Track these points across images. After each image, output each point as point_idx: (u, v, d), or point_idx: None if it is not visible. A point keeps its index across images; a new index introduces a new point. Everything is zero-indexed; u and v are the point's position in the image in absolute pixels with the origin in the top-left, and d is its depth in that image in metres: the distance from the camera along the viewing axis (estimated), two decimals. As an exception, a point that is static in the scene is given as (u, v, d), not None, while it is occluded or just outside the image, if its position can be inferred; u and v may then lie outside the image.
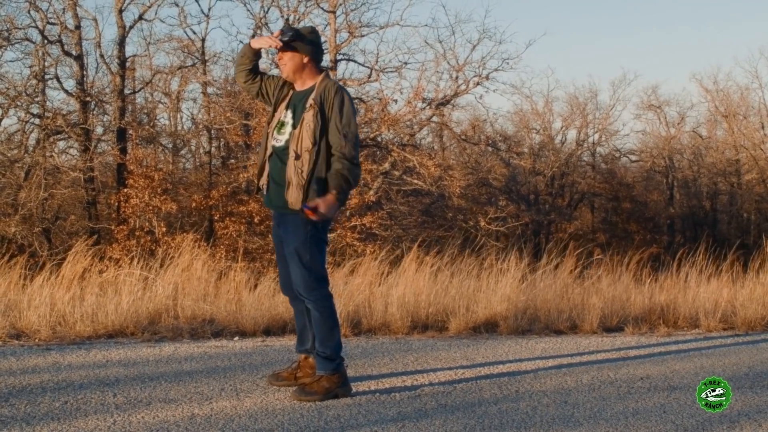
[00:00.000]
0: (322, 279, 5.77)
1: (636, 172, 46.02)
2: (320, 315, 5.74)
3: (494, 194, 37.93)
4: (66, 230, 28.57)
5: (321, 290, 5.75)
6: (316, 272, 5.71)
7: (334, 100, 5.62)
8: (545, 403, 5.82)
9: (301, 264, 5.68)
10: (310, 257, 5.67)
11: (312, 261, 5.68)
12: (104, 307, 8.02)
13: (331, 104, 5.62)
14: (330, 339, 5.76)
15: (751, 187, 43.39)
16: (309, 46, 5.75)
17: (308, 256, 5.67)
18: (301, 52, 5.74)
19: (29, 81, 28.29)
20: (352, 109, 5.64)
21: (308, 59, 5.76)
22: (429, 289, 9.03)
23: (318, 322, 5.75)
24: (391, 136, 29.73)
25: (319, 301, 5.73)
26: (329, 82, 5.74)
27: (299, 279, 5.73)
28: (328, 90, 5.67)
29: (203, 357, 6.91)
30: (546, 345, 7.89)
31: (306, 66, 5.78)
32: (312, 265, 5.69)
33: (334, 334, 5.78)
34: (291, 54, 5.77)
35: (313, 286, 5.71)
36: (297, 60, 5.76)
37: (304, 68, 5.79)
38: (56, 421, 5.09)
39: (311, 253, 5.67)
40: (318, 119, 5.60)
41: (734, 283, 10.60)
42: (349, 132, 5.58)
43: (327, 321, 5.75)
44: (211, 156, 32.36)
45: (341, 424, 5.20)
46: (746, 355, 7.65)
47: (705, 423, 5.42)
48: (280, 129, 5.82)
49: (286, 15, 30.17)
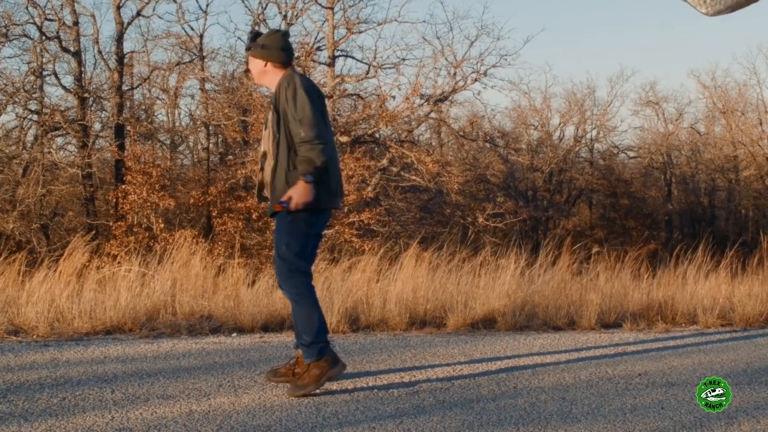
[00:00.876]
0: (297, 270, 5.75)
1: (634, 169, 46.02)
2: (296, 303, 5.75)
3: (492, 190, 37.90)
4: (64, 226, 28.58)
5: (294, 280, 5.74)
6: (290, 263, 5.71)
7: (286, 92, 5.67)
8: (543, 399, 5.82)
9: (278, 255, 5.75)
10: (285, 248, 5.70)
11: (287, 252, 5.70)
12: (102, 303, 8.02)
13: (285, 98, 5.67)
14: (309, 325, 5.74)
15: (749, 183, 43.43)
16: (265, 51, 5.84)
17: (284, 246, 5.70)
18: (259, 59, 5.87)
19: (27, 77, 28.31)
20: (305, 93, 5.63)
21: (266, 64, 5.86)
22: (427, 286, 9.03)
23: (295, 310, 5.77)
24: (389, 132, 29.76)
25: (293, 289, 5.74)
26: (283, 77, 5.80)
27: (277, 269, 5.80)
28: (281, 85, 5.74)
29: (201, 353, 6.91)
30: (544, 341, 7.89)
31: (267, 71, 5.89)
32: (287, 256, 5.70)
33: (312, 319, 5.75)
34: (253, 62, 5.94)
35: (287, 276, 5.73)
36: (258, 66, 5.91)
37: (266, 73, 5.91)
38: (54, 418, 5.08)
39: (287, 244, 5.70)
40: (274, 114, 5.72)
41: (732, 279, 10.60)
42: (303, 116, 5.58)
43: (303, 307, 5.74)
44: (209, 152, 32.37)
45: (339, 420, 5.20)
46: (744, 351, 7.66)
47: (703, 419, 5.42)
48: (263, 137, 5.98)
49: (283, 11, 30.23)
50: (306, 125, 5.57)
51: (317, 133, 5.57)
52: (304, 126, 5.57)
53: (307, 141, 5.56)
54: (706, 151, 44.85)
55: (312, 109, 5.61)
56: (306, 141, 5.56)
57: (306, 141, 5.56)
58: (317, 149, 5.56)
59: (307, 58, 28.21)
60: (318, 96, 5.76)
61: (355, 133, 27.85)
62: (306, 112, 5.59)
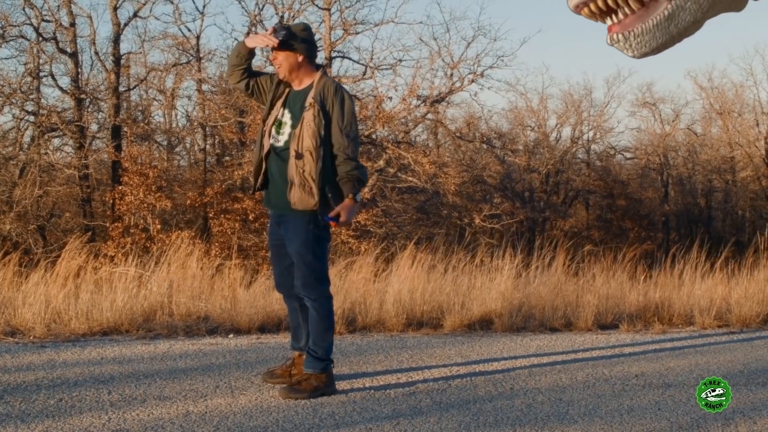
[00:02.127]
0: (323, 279, 5.79)
1: (631, 170, 46.03)
2: (317, 314, 5.75)
3: (489, 191, 37.89)
4: (61, 227, 28.56)
5: (321, 290, 5.76)
6: (317, 271, 5.73)
7: (335, 98, 5.61)
8: (540, 400, 5.83)
9: (303, 263, 5.70)
10: (312, 257, 5.69)
11: (314, 260, 5.70)
12: (99, 304, 8.01)
13: (332, 103, 5.61)
14: (323, 340, 5.76)
15: (745, 184, 43.45)
16: (303, 44, 5.71)
17: (310, 255, 5.68)
18: (295, 51, 5.71)
19: (24, 78, 28.29)
20: (352, 109, 5.65)
21: (303, 58, 5.73)
22: (424, 287, 9.03)
23: (314, 321, 5.76)
24: (386, 133, 29.73)
25: (317, 301, 5.74)
26: (327, 80, 5.74)
27: (300, 277, 5.74)
28: (328, 88, 5.66)
29: (198, 354, 6.91)
30: (541, 342, 7.90)
31: (302, 65, 5.75)
32: (314, 265, 5.70)
33: (328, 335, 5.79)
34: (285, 53, 5.73)
35: (314, 286, 5.73)
36: (292, 59, 5.73)
37: (300, 67, 5.75)
38: (51, 419, 5.08)
39: (313, 252, 5.69)
40: (321, 118, 5.59)
41: (729, 280, 10.61)
42: (351, 131, 5.59)
43: (323, 321, 5.76)
44: (205, 153, 32.37)
45: (336, 421, 5.21)
46: (741, 352, 7.67)
47: (700, 420, 5.43)
48: (279, 128, 5.79)
49: (280, 12, 30.20)
50: (353, 142, 5.60)
51: (358, 152, 5.64)
52: (352, 143, 5.59)
53: (353, 159, 5.57)
54: (703, 152, 44.86)
55: (356, 125, 5.65)
56: (352, 158, 5.57)
57: (352, 158, 5.57)
58: (363, 169, 5.62)
59: (304, 59, 28.12)
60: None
61: (352, 134, 27.79)
62: (354, 128, 5.62)
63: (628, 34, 2.46)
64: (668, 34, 2.45)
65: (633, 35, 2.46)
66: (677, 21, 2.44)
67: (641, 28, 2.44)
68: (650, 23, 2.43)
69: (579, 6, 2.48)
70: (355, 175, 5.55)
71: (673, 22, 2.43)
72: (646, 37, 2.45)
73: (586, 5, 2.46)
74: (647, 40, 2.46)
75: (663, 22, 2.43)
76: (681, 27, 2.45)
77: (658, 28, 2.44)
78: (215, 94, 31.28)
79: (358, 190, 5.56)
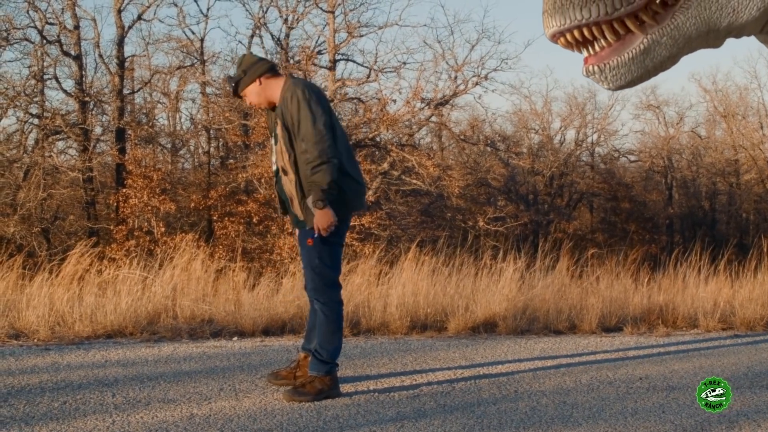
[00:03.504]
0: (332, 284, 5.79)
1: (635, 172, 46.03)
2: (325, 318, 5.76)
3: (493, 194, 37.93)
4: (65, 230, 28.59)
5: (330, 294, 5.77)
6: (325, 277, 5.74)
7: (290, 106, 5.56)
8: (544, 403, 5.82)
9: (311, 269, 5.72)
10: (319, 262, 5.69)
11: (321, 266, 5.70)
12: (103, 307, 8.02)
13: (290, 111, 5.57)
14: (329, 343, 5.76)
15: (749, 187, 43.43)
16: (249, 74, 5.75)
17: (317, 260, 5.69)
18: (249, 85, 5.78)
19: (28, 81, 28.33)
20: (306, 105, 5.53)
21: (259, 81, 5.76)
22: (428, 289, 9.04)
23: (322, 324, 5.77)
24: (390, 136, 29.76)
25: (326, 305, 5.76)
26: (285, 87, 5.70)
27: (310, 282, 5.79)
28: (285, 98, 5.62)
29: (202, 357, 6.91)
30: (545, 345, 7.89)
31: (264, 86, 5.78)
32: (321, 270, 5.71)
33: (335, 339, 5.79)
34: (246, 92, 5.82)
35: (323, 290, 5.75)
36: (254, 90, 5.78)
37: (264, 88, 5.78)
38: (55, 422, 5.09)
39: (320, 258, 5.69)
40: (284, 131, 5.62)
41: (733, 283, 10.60)
42: (305, 133, 5.49)
43: (330, 325, 5.76)
44: (209, 156, 32.39)
45: (340, 424, 5.20)
46: (745, 355, 7.65)
47: (704, 423, 5.42)
48: (273, 151, 5.92)
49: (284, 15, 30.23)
50: (309, 143, 5.50)
51: (320, 151, 5.48)
52: (308, 144, 5.50)
53: (312, 161, 5.49)
54: (707, 155, 44.86)
55: (312, 123, 5.50)
56: (310, 162, 5.50)
57: (310, 162, 5.50)
58: (322, 170, 5.48)
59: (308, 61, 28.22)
60: (319, 101, 5.62)
61: (356, 137, 27.84)
62: (308, 128, 5.50)
63: (604, 66, 2.48)
64: (644, 67, 2.47)
65: (609, 68, 2.47)
66: (653, 55, 2.45)
67: (617, 61, 2.46)
68: (626, 56, 2.45)
69: (555, 35, 2.49)
70: (314, 181, 5.49)
71: (649, 56, 2.45)
72: (622, 70, 2.47)
73: (562, 35, 2.47)
74: (623, 73, 2.47)
75: (639, 56, 2.45)
76: (656, 61, 2.47)
77: (633, 62, 2.46)
78: (219, 97, 31.29)
79: (320, 197, 5.49)
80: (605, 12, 2.39)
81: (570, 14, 2.41)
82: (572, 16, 2.41)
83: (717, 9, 2.43)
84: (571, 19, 2.42)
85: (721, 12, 2.44)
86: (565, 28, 2.44)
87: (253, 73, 5.74)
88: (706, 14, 2.44)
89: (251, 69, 5.76)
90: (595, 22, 2.42)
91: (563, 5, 2.41)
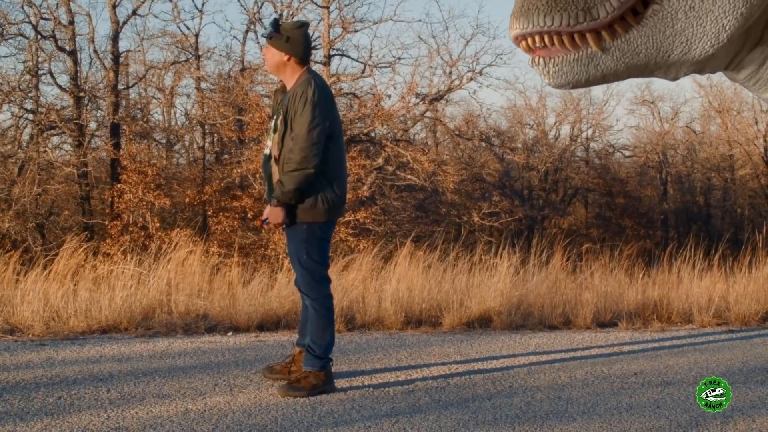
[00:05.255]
0: (321, 278, 5.79)
1: (630, 168, 46.01)
2: (315, 313, 5.76)
3: (488, 189, 37.88)
4: (60, 225, 28.53)
5: (319, 289, 5.77)
6: (314, 272, 5.74)
7: (298, 102, 5.53)
8: (539, 398, 5.83)
9: (299, 263, 5.73)
10: (306, 257, 5.69)
11: (309, 261, 5.70)
12: (98, 302, 8.02)
13: (295, 108, 5.53)
14: (321, 338, 5.76)
15: (744, 182, 43.44)
16: (288, 45, 5.66)
17: (305, 256, 5.69)
18: (281, 51, 5.69)
19: (23, 76, 28.27)
20: (310, 108, 5.50)
21: (288, 58, 5.70)
22: (422, 285, 9.04)
23: (313, 319, 5.78)
24: (385, 131, 29.75)
25: (316, 300, 5.76)
26: (299, 82, 5.66)
27: (299, 277, 5.79)
28: (296, 93, 5.59)
29: (197, 352, 6.91)
30: (540, 340, 7.90)
31: (287, 64, 5.72)
32: (309, 265, 5.71)
33: (326, 334, 5.78)
34: (271, 50, 5.74)
35: (312, 285, 5.75)
36: (277, 57, 5.72)
37: (286, 67, 5.73)
38: (50, 417, 5.08)
39: (308, 253, 5.69)
40: (283, 124, 5.60)
41: (728, 278, 10.61)
42: (298, 134, 5.49)
43: (321, 320, 5.76)
44: (204, 151, 32.38)
45: (335, 419, 5.21)
46: (740, 350, 7.67)
47: (699, 418, 5.43)
48: (269, 136, 5.88)
49: (279, 10, 30.20)
50: (297, 146, 5.49)
51: (303, 157, 5.48)
52: (296, 146, 5.49)
53: (291, 162, 5.50)
54: (702, 150, 44.86)
55: (308, 128, 5.48)
56: (290, 161, 5.51)
57: (290, 161, 5.51)
58: (293, 175, 5.49)
59: (302, 57, 28.11)
60: (325, 107, 5.60)
61: (351, 132, 27.82)
62: (302, 131, 5.49)
63: (549, 60, 2.49)
64: (586, 72, 2.48)
65: (553, 63, 2.48)
66: (597, 62, 2.46)
67: (562, 58, 2.47)
68: (571, 56, 2.46)
69: (518, 38, 2.51)
70: (282, 181, 5.54)
71: (593, 62, 2.46)
72: (565, 68, 2.48)
73: (524, 38, 2.49)
74: (565, 72, 2.49)
75: (584, 59, 2.46)
76: (600, 70, 2.48)
77: (577, 63, 2.47)
78: (214, 92, 31.27)
79: (278, 195, 5.54)
80: (567, 23, 2.40)
81: (534, 19, 2.42)
82: (536, 21, 2.42)
83: (671, 35, 2.43)
84: (534, 24, 2.43)
85: (673, 40, 2.44)
86: (528, 32, 2.46)
87: (288, 48, 5.66)
88: (658, 37, 2.43)
89: (291, 43, 5.67)
90: (557, 31, 2.43)
91: (529, 10, 2.43)
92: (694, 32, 2.42)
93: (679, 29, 2.43)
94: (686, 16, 2.41)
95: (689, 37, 2.43)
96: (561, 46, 2.46)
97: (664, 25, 2.42)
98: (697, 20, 2.41)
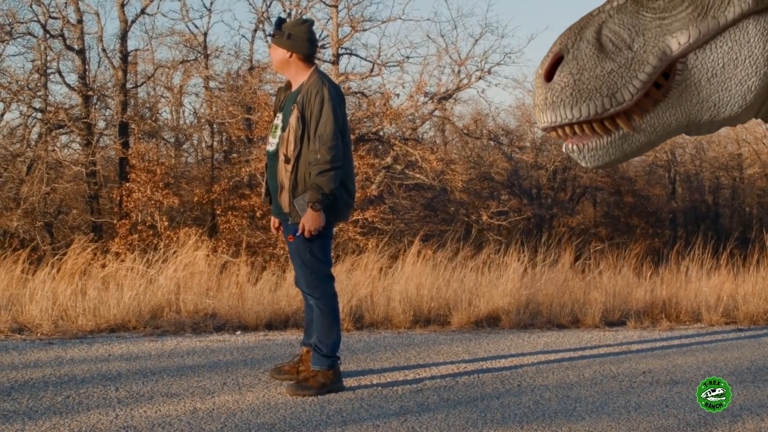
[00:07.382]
0: (325, 277, 5.78)
1: (638, 167, 45.90)
2: (321, 312, 5.75)
3: (496, 188, 37.85)
4: (68, 224, 28.57)
5: (323, 288, 5.76)
6: (317, 271, 5.72)
7: (315, 101, 5.51)
8: (547, 397, 5.82)
9: (302, 263, 5.71)
10: (310, 256, 5.68)
11: (312, 260, 5.68)
12: (106, 301, 8.03)
13: (311, 107, 5.52)
14: (328, 336, 5.76)
15: (753, 181, 43.35)
16: (290, 42, 5.65)
17: (308, 254, 5.67)
18: (284, 48, 5.69)
19: (31, 75, 28.30)
20: (331, 108, 5.50)
21: (291, 55, 5.69)
22: (431, 284, 9.03)
23: (319, 318, 5.77)
24: (393, 130, 29.72)
25: (321, 299, 5.75)
26: (312, 81, 5.64)
27: (302, 276, 5.78)
28: (310, 92, 5.57)
29: (205, 351, 6.92)
30: (548, 339, 7.89)
31: (292, 63, 5.72)
32: (314, 264, 5.70)
33: (333, 332, 5.78)
34: (275, 48, 5.73)
35: (316, 284, 5.74)
36: (280, 55, 5.72)
37: (289, 64, 5.72)
38: (58, 416, 5.09)
39: (311, 251, 5.67)
40: (300, 123, 5.56)
41: (736, 277, 10.59)
42: (324, 134, 5.46)
43: (327, 318, 5.76)
44: (213, 150, 32.37)
45: (343, 418, 5.21)
46: (748, 349, 7.65)
47: (707, 417, 5.42)
48: (273, 133, 5.83)
49: (287, 9, 30.21)
50: (324, 146, 5.47)
51: (333, 156, 5.47)
52: (323, 146, 5.47)
53: (321, 163, 5.47)
54: (710, 149, 44.77)
55: (334, 128, 5.49)
56: (320, 163, 5.47)
57: (320, 163, 5.47)
58: (329, 175, 5.47)
59: (311, 56, 28.12)
60: (341, 106, 5.64)
61: (359, 131, 27.82)
62: (327, 130, 5.48)
63: (583, 147, 2.51)
64: (621, 151, 2.49)
65: (587, 149, 2.50)
66: (631, 141, 2.47)
67: (596, 143, 2.48)
68: (605, 140, 2.47)
69: (547, 129, 2.52)
70: (318, 183, 5.47)
71: (627, 141, 2.47)
72: (600, 152, 2.50)
73: (554, 130, 2.50)
74: (601, 155, 2.51)
75: (617, 141, 2.47)
76: (635, 147, 2.49)
77: (612, 145, 2.48)
78: (222, 91, 31.27)
79: (318, 198, 5.47)
80: (595, 112, 2.40)
81: (561, 112, 2.43)
82: (563, 114, 2.43)
83: (697, 102, 2.43)
84: (562, 117, 2.44)
85: (701, 106, 2.44)
86: (557, 125, 2.47)
87: (292, 45, 5.66)
88: (686, 106, 2.44)
89: (293, 40, 5.66)
90: (586, 120, 2.43)
91: (554, 103, 2.44)
92: (720, 97, 2.42)
93: (705, 96, 2.43)
94: (710, 83, 2.42)
95: (716, 102, 2.43)
96: (592, 132, 2.46)
97: (690, 94, 2.43)
98: (722, 85, 2.41)
